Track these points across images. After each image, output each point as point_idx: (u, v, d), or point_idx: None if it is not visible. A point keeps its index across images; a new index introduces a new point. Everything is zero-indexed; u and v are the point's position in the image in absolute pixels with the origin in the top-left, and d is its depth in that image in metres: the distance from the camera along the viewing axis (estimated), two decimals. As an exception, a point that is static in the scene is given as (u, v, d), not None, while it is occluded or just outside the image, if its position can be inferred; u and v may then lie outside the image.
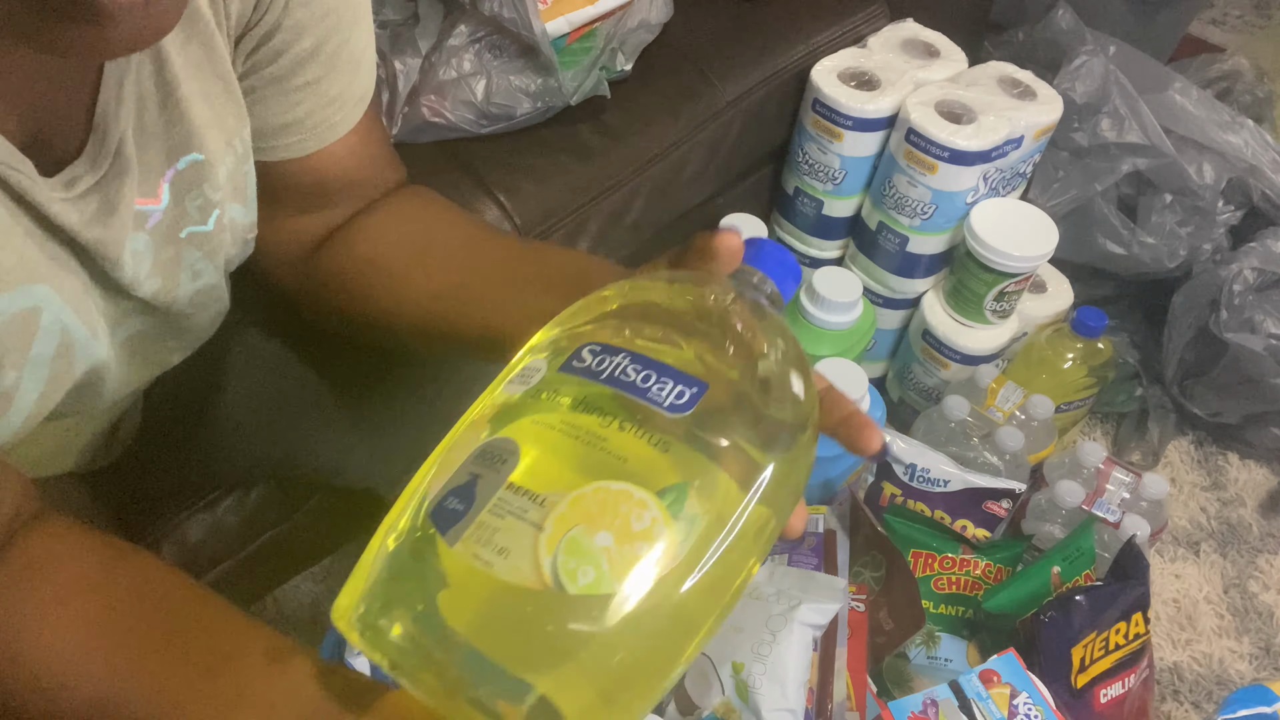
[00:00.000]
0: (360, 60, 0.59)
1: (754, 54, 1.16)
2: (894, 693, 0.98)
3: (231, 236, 0.59)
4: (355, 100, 0.61)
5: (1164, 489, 1.09)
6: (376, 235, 0.64)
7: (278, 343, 0.77)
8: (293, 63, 0.56)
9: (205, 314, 0.61)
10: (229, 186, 0.56)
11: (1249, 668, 1.17)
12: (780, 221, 1.32)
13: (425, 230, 0.65)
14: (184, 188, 0.54)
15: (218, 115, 0.54)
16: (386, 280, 0.63)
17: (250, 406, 0.78)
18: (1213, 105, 1.32)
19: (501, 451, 0.43)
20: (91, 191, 0.49)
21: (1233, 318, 1.25)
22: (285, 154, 0.60)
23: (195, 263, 0.57)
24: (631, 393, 0.43)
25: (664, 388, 0.43)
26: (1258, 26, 2.07)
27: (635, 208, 1.09)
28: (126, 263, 0.52)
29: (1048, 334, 1.23)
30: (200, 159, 0.53)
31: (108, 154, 0.49)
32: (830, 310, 1.16)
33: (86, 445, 0.71)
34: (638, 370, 0.44)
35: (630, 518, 0.40)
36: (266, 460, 0.81)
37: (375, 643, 0.40)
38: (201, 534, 0.87)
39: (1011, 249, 1.12)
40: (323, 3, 0.55)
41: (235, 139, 0.55)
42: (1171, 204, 1.30)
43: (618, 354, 0.45)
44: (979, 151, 1.11)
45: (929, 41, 1.24)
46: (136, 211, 0.52)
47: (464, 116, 0.99)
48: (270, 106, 0.57)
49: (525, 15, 0.95)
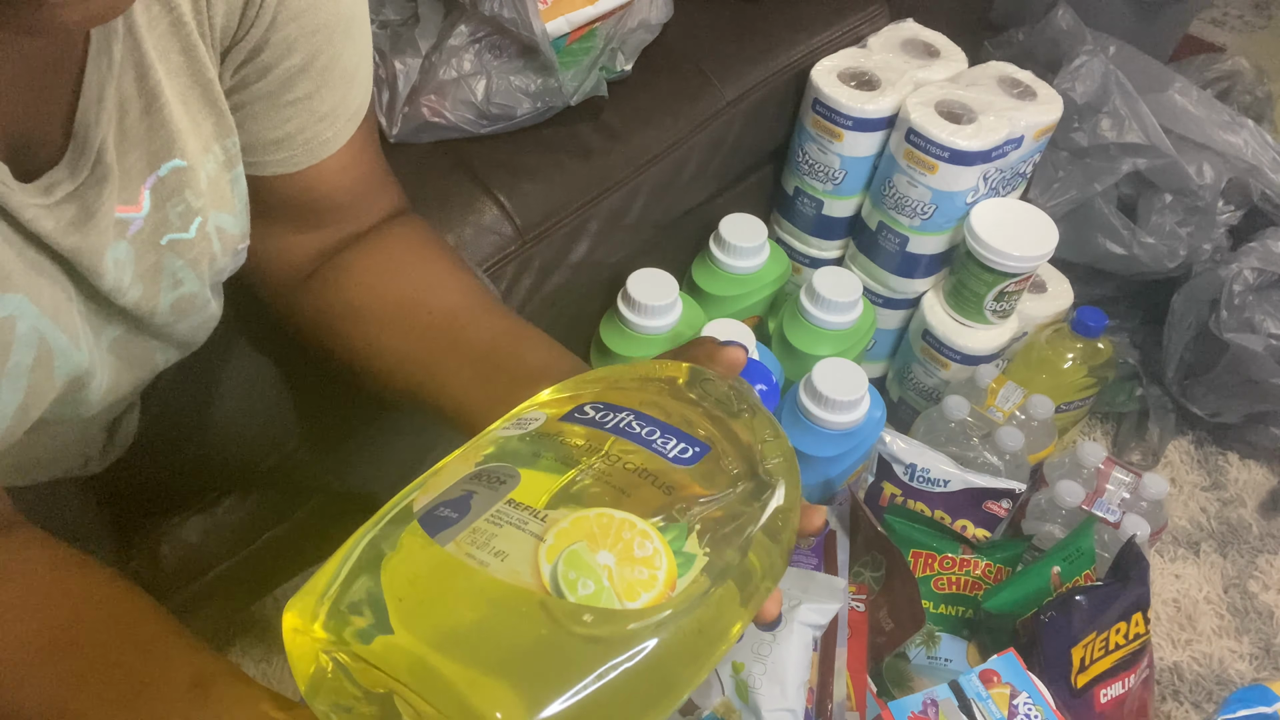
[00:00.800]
0: (353, 76, 0.59)
1: (754, 54, 1.16)
2: (894, 693, 0.98)
3: (221, 246, 0.58)
4: (348, 116, 0.60)
5: (1164, 489, 1.09)
6: (365, 282, 0.63)
7: (276, 347, 0.77)
8: (283, 78, 0.55)
9: (187, 322, 0.60)
10: (212, 193, 0.56)
11: (1249, 668, 1.17)
12: (780, 221, 1.32)
13: (414, 287, 0.64)
14: (165, 194, 0.53)
15: (196, 121, 0.53)
16: (366, 331, 0.62)
17: (249, 411, 0.78)
18: (1213, 105, 1.32)
19: (500, 474, 0.43)
20: (69, 199, 0.48)
21: (1233, 318, 1.25)
22: (277, 169, 0.59)
23: (177, 271, 0.56)
24: (636, 442, 0.44)
25: (669, 442, 0.45)
26: (1258, 26, 2.07)
27: (635, 208, 1.09)
28: (108, 271, 0.51)
29: (1048, 334, 1.23)
30: (182, 165, 0.53)
31: (87, 161, 0.48)
32: (830, 310, 1.17)
33: (82, 449, 0.70)
34: (642, 425, 0.45)
35: (633, 544, 0.40)
36: (264, 465, 0.80)
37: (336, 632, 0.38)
38: (201, 534, 0.87)
39: (1011, 249, 1.12)
40: (312, 18, 0.54)
41: (215, 145, 0.55)
42: (1171, 204, 1.30)
43: (621, 411, 0.46)
44: (979, 151, 1.11)
45: (929, 41, 1.24)
46: (117, 219, 0.51)
47: (464, 116, 0.99)
48: (261, 122, 0.57)
49: (525, 15, 0.95)
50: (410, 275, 0.64)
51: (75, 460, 0.71)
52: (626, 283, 1.12)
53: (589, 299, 1.16)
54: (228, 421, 0.78)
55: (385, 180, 0.67)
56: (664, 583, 0.40)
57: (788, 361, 1.20)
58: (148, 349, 0.60)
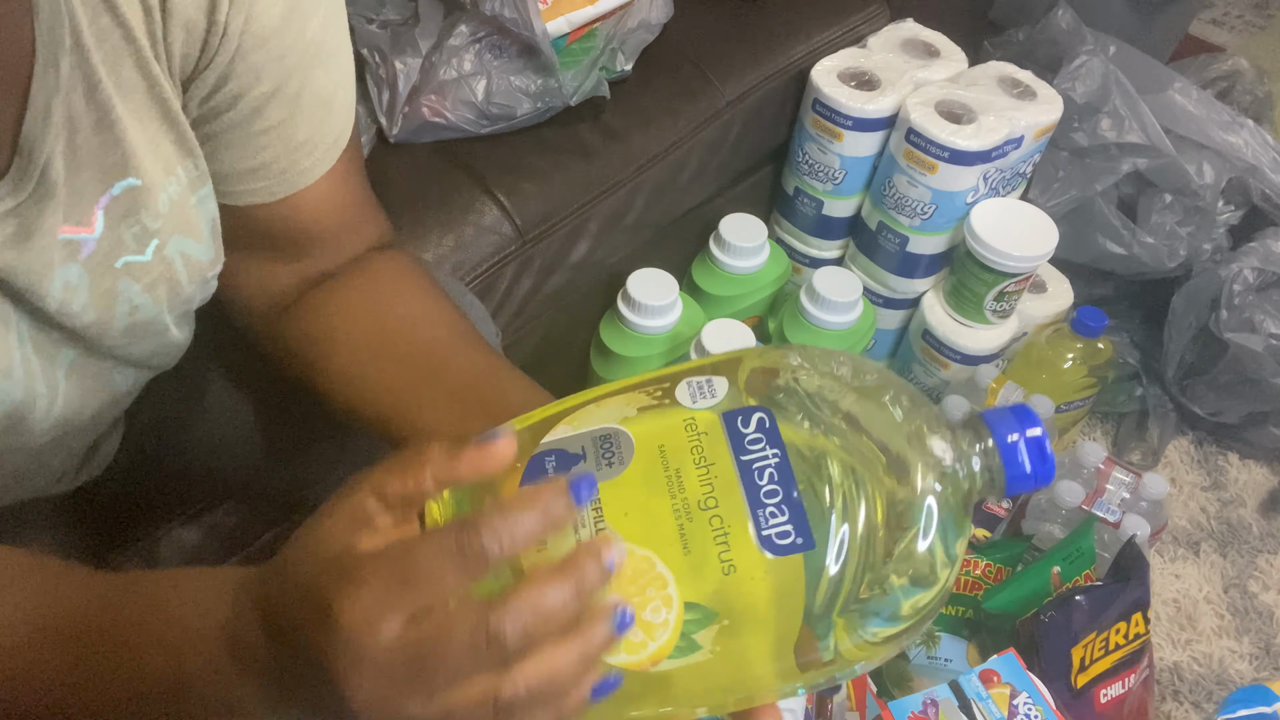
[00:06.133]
0: (330, 102, 0.57)
1: (754, 54, 1.16)
2: (894, 693, 0.98)
3: (188, 274, 0.57)
4: (327, 145, 0.58)
5: (1164, 489, 1.09)
6: (345, 314, 0.62)
7: (263, 361, 0.76)
8: (253, 106, 0.54)
9: (142, 346, 0.59)
10: (174, 217, 0.54)
11: (1249, 668, 1.17)
12: (780, 221, 1.32)
13: (395, 319, 0.62)
14: (119, 214, 0.52)
15: (154, 140, 0.51)
16: (344, 362, 0.61)
17: (234, 424, 0.76)
18: (1213, 105, 1.32)
19: (617, 451, 0.42)
20: (8, 216, 0.46)
21: (1233, 318, 1.25)
22: (254, 199, 0.58)
23: (133, 296, 0.55)
24: (746, 493, 0.40)
25: (774, 516, 0.39)
26: (1258, 26, 2.07)
27: (635, 208, 1.09)
28: (53, 294, 0.50)
29: (1048, 334, 1.23)
30: (137, 184, 0.51)
31: (31, 177, 0.46)
32: (830, 310, 1.17)
33: (57, 468, 0.68)
34: (773, 479, 0.40)
35: (649, 605, 0.39)
36: (249, 478, 0.80)
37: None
38: (199, 536, 0.86)
39: (1011, 249, 1.12)
40: (279, 44, 0.53)
41: (177, 166, 0.53)
42: (1171, 204, 1.30)
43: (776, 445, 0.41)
44: (979, 151, 1.11)
45: (929, 41, 1.24)
46: (68, 240, 0.50)
47: (464, 116, 0.99)
48: (236, 151, 0.55)
49: (526, 15, 0.95)
50: (392, 308, 0.63)
51: (46, 480, 0.69)
52: (626, 283, 1.12)
53: (589, 299, 1.16)
54: (211, 437, 0.77)
55: (369, 211, 0.65)
56: (648, 656, 0.39)
57: (788, 361, 1.20)
58: (103, 369, 0.59)
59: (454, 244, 0.96)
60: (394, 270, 0.65)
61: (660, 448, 0.42)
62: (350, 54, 0.59)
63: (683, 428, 0.42)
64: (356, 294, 0.63)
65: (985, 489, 0.42)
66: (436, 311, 0.63)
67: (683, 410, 0.43)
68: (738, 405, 0.42)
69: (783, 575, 0.39)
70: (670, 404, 0.43)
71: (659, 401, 0.44)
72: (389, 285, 0.64)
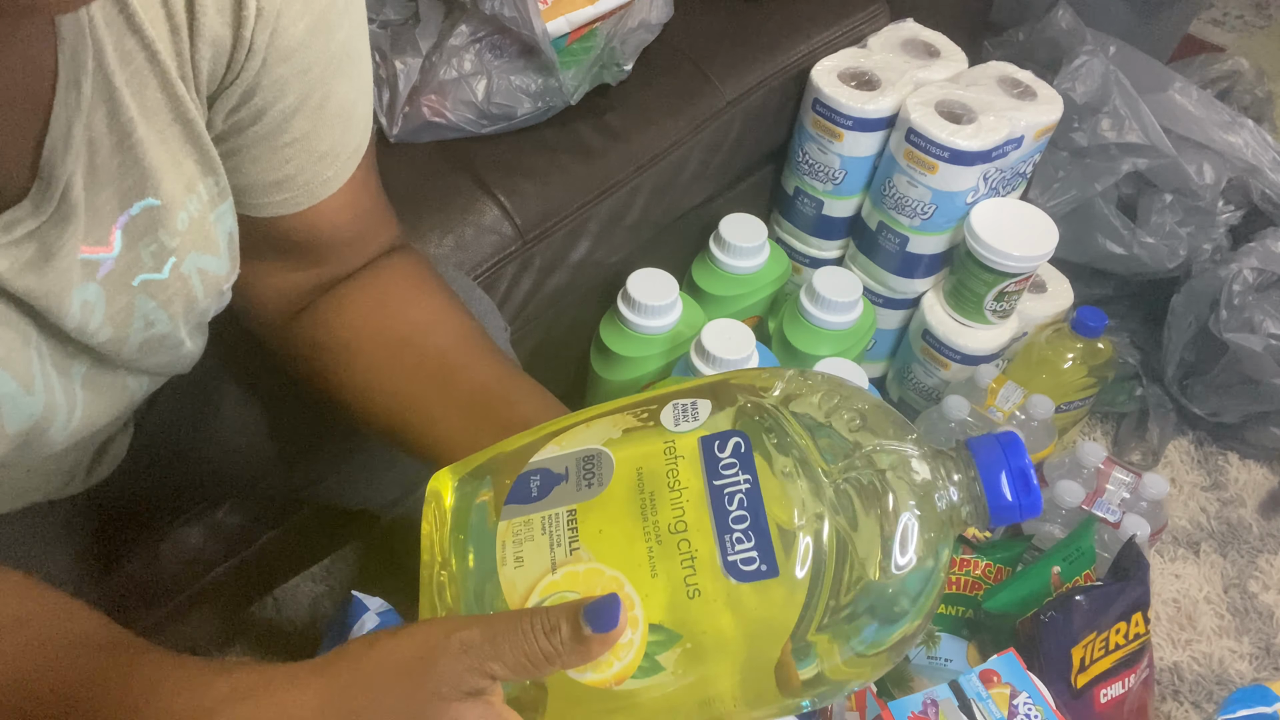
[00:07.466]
0: (351, 113, 0.57)
1: (754, 54, 1.16)
2: (894, 693, 0.98)
3: (204, 289, 0.57)
4: (348, 154, 0.59)
5: (1164, 489, 1.09)
6: (358, 320, 0.62)
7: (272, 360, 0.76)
8: (278, 119, 0.54)
9: (155, 359, 0.59)
10: (192, 234, 0.54)
11: (1249, 668, 1.17)
12: (780, 221, 1.32)
13: (407, 325, 0.63)
14: (137, 234, 0.51)
15: (176, 160, 0.51)
16: (356, 370, 0.62)
17: (243, 425, 0.77)
18: (1213, 105, 1.32)
19: (597, 472, 0.42)
20: (29, 238, 0.46)
21: (1233, 318, 1.25)
22: (278, 210, 0.58)
23: (149, 313, 0.55)
24: (715, 519, 0.40)
25: (740, 543, 0.40)
26: (1258, 26, 2.07)
27: (635, 208, 1.09)
28: (73, 313, 0.50)
29: (1048, 334, 1.23)
30: (155, 204, 0.51)
31: (52, 199, 0.46)
32: (830, 310, 1.16)
33: (65, 473, 0.69)
34: (742, 504, 0.40)
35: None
36: (255, 478, 0.80)
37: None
38: (201, 536, 0.87)
39: (1011, 249, 1.12)
40: (304, 57, 0.52)
41: (199, 185, 0.53)
42: (1171, 204, 1.30)
43: (748, 471, 0.41)
44: (979, 151, 1.11)
45: (929, 41, 1.24)
46: (86, 260, 0.50)
47: (464, 116, 0.99)
48: (261, 165, 0.56)
49: (526, 15, 0.95)
50: (404, 314, 0.63)
51: (55, 485, 0.69)
52: (626, 283, 1.12)
53: (589, 299, 1.16)
54: (221, 440, 0.77)
55: (384, 215, 0.66)
56: (613, 675, 0.39)
57: (788, 362, 1.20)
58: (116, 378, 0.59)
59: (454, 244, 0.96)
60: (405, 276, 0.65)
61: (638, 470, 0.42)
62: (369, 62, 0.59)
63: (662, 451, 0.43)
64: (368, 302, 0.63)
65: (968, 519, 0.42)
66: (447, 319, 0.64)
67: (665, 433, 0.44)
68: (716, 430, 0.43)
69: (749, 601, 0.40)
70: (654, 426, 0.44)
71: (644, 424, 0.44)
72: (400, 292, 0.64)
